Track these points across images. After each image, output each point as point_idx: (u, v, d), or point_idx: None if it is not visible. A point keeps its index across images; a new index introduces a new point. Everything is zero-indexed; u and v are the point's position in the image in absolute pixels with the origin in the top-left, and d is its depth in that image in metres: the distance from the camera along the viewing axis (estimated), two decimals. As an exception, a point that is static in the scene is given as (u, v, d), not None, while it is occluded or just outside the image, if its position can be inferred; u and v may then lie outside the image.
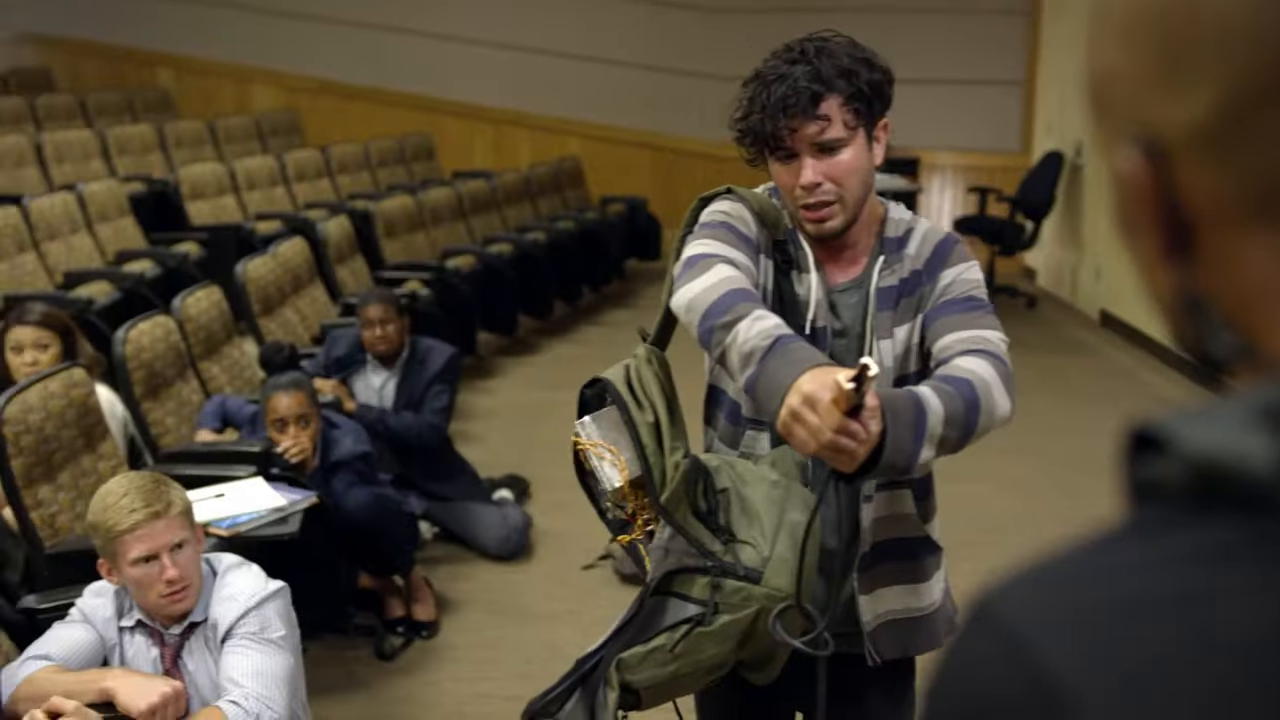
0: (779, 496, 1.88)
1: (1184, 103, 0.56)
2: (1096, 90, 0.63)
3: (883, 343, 1.96)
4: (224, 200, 8.16)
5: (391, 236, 7.48)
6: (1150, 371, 7.43)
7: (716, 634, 1.85)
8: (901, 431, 1.65)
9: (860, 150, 1.91)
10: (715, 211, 1.97)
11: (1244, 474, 0.51)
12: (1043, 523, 5.10)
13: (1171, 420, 0.54)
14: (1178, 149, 0.57)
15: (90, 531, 2.57)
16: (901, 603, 2.04)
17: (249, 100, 11.84)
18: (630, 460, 1.90)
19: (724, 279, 1.80)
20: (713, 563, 1.85)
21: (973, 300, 1.93)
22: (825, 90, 1.86)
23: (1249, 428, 0.51)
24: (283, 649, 2.56)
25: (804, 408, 1.59)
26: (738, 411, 2.02)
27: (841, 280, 2.01)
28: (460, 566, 4.59)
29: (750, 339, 1.70)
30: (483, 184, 8.93)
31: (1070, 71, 9.33)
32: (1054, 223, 9.46)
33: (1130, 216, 0.61)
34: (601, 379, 1.96)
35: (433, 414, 4.65)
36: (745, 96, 1.93)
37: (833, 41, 1.92)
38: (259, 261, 5.46)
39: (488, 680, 3.81)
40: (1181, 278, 0.60)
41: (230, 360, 4.77)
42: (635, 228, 9.59)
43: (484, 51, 11.42)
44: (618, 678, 1.89)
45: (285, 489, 3.55)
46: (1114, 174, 0.62)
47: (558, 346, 7.92)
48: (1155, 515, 0.54)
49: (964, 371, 1.79)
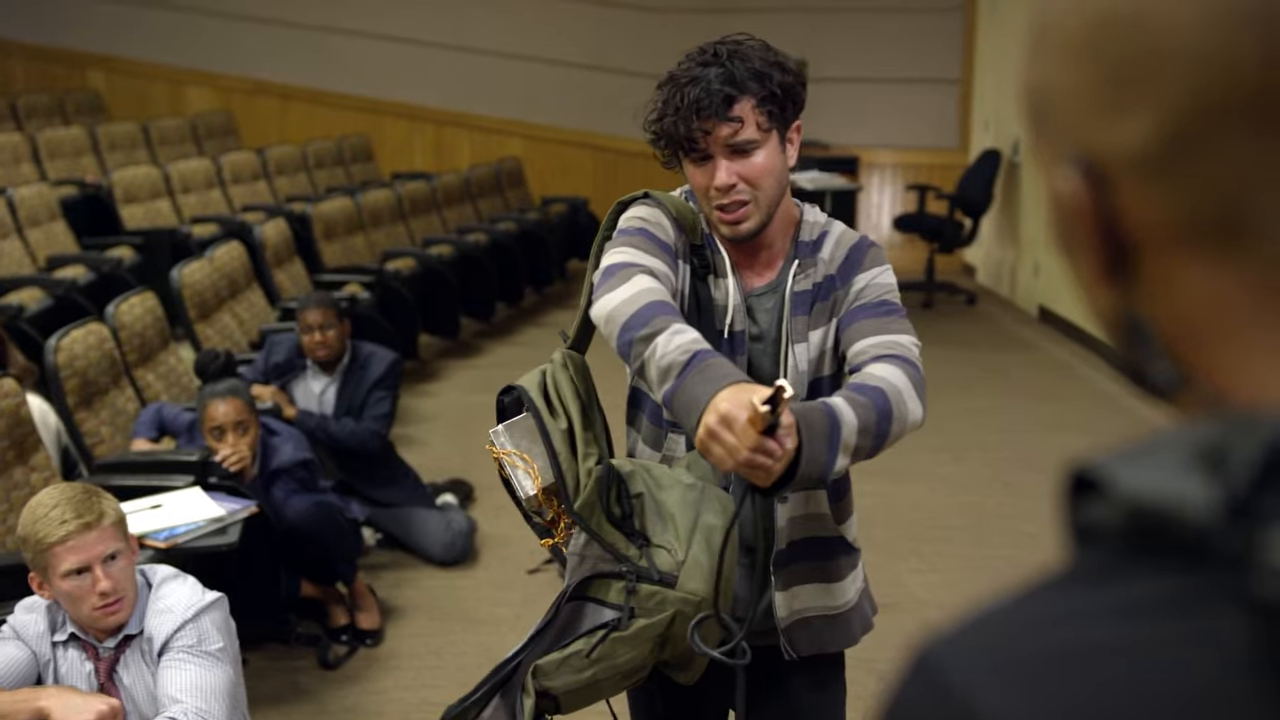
0: (694, 500, 1.90)
1: (1124, 125, 0.54)
2: (1034, 104, 0.61)
3: (798, 347, 1.98)
4: (158, 204, 8.04)
5: (330, 239, 7.41)
6: (1089, 366, 7.51)
7: (632, 639, 1.87)
8: (816, 445, 1.67)
9: (774, 152, 1.92)
10: (633, 217, 1.98)
11: (1180, 520, 0.49)
12: (986, 519, 5.13)
13: (1109, 461, 0.52)
14: (1117, 171, 0.55)
15: (20, 545, 2.52)
16: (816, 601, 2.07)
17: (183, 102, 11.68)
18: (544, 468, 1.93)
19: (643, 290, 1.80)
20: (628, 568, 1.88)
21: (886, 304, 1.95)
22: (738, 92, 1.87)
23: (1186, 470, 0.50)
24: (221, 661, 2.52)
25: (720, 427, 1.60)
26: (660, 414, 2.02)
27: (758, 285, 2.02)
28: (404, 573, 4.54)
29: (669, 353, 1.70)
30: (422, 185, 8.87)
31: (1007, 69, 9.43)
32: (992, 220, 9.55)
33: (1068, 235, 0.60)
34: (516, 386, 1.98)
35: (374, 420, 4.60)
36: (659, 99, 1.94)
37: (746, 44, 1.93)
38: (195, 266, 5.37)
39: (433, 688, 3.77)
40: (1120, 300, 0.58)
41: (166, 368, 4.69)
42: (577, 228, 9.57)
43: (424, 52, 11.34)
44: (534, 684, 1.91)
45: (224, 498, 3.49)
46: (1051, 192, 0.60)
47: (500, 348, 7.88)
48: (1094, 561, 0.53)
49: (877, 380, 1.81)
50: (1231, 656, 0.48)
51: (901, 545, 4.79)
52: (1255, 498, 0.48)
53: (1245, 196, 0.52)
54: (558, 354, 2.00)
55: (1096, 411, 6.63)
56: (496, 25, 11.25)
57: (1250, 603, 0.47)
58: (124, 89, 11.75)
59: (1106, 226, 0.57)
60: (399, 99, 11.43)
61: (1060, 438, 6.12)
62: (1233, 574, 0.48)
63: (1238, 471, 0.48)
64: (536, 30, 11.20)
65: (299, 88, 11.55)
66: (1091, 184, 0.56)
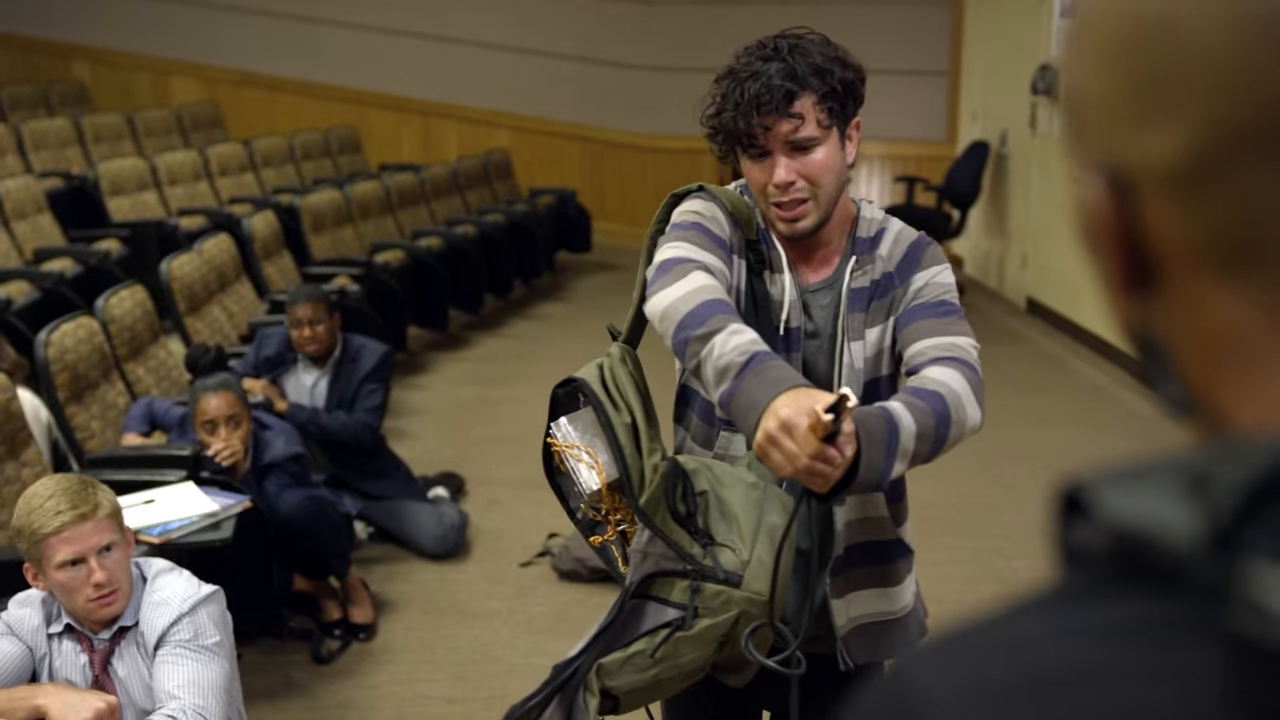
0: (757, 499, 1.86)
1: (1155, 137, 0.52)
2: (1071, 105, 0.59)
3: (854, 344, 1.94)
4: (145, 196, 8.00)
5: (319, 232, 7.38)
6: (1078, 358, 7.54)
7: (696, 638, 1.83)
8: (875, 452, 1.65)
9: (833, 149, 1.88)
10: (688, 211, 1.94)
11: (1162, 547, 0.48)
12: (975, 511, 5.14)
13: (1098, 482, 0.51)
14: (1144, 184, 0.54)
15: (15, 536, 2.51)
16: (873, 606, 2.03)
17: (168, 93, 11.61)
18: (607, 463, 1.88)
19: (699, 287, 1.76)
20: (692, 566, 1.83)
21: (945, 304, 1.91)
22: (799, 88, 1.84)
23: (1174, 496, 0.48)
24: (218, 655, 2.52)
25: (780, 433, 1.57)
26: (711, 412, 1.99)
27: (814, 281, 1.98)
28: (396, 567, 4.54)
29: (726, 354, 1.67)
30: (410, 177, 8.84)
31: (995, 61, 9.44)
32: (980, 212, 9.56)
33: (1093, 242, 0.58)
34: (575, 379, 1.93)
35: (366, 412, 4.59)
36: (718, 93, 1.89)
37: (806, 39, 1.89)
38: (184, 259, 5.35)
39: (427, 682, 3.77)
40: (1139, 315, 0.57)
41: (156, 361, 4.67)
42: (565, 220, 9.55)
43: (411, 43, 11.30)
44: (598, 683, 1.87)
45: (217, 493, 3.48)
46: (1078, 197, 0.59)
47: (489, 341, 7.87)
48: (1077, 583, 0.51)
49: (936, 383, 1.77)
50: (1204, 690, 0.47)
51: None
52: (1238, 528, 0.47)
53: (1271, 221, 0.51)
54: (615, 348, 1.96)
55: (1085, 403, 6.65)
56: (483, 16, 11.21)
57: (1225, 636, 0.46)
58: (108, 80, 11.68)
59: (1130, 240, 0.55)
60: (386, 90, 11.39)
61: (1049, 429, 6.14)
62: (1211, 605, 0.47)
63: (1222, 499, 0.47)
64: (524, 21, 11.16)
65: (285, 79, 11.50)
66: (1117, 195, 0.55)
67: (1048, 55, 8.21)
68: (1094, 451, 5.84)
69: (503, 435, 5.95)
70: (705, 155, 9.03)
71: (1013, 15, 9.00)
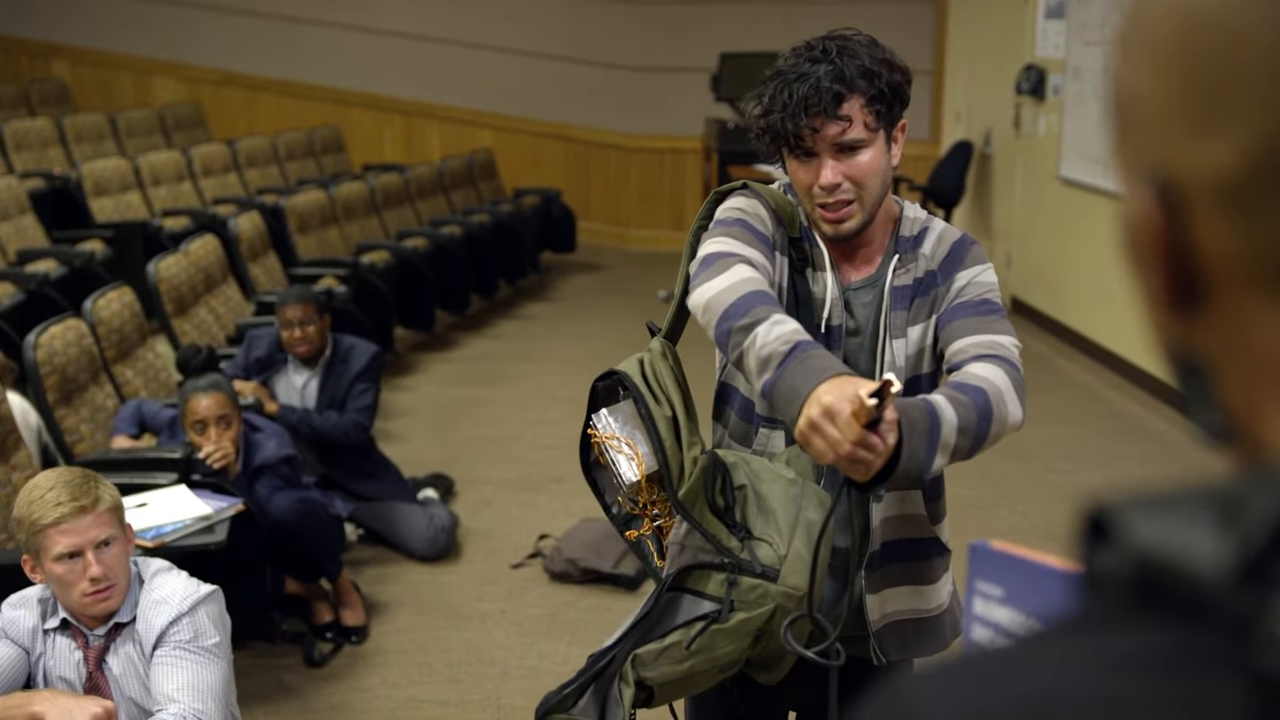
0: (795, 495, 1.87)
1: (1209, 148, 0.50)
2: (1118, 108, 0.56)
3: (896, 342, 1.94)
4: (128, 196, 7.95)
5: (304, 232, 7.35)
6: (1063, 357, 7.56)
7: (732, 631, 1.84)
8: (916, 443, 1.64)
9: (879, 151, 1.89)
10: (731, 208, 1.94)
11: (1188, 576, 0.46)
12: (965, 510, 5.15)
13: (1125, 506, 0.49)
14: (1196, 196, 0.51)
15: (15, 526, 2.51)
16: (908, 604, 2.04)
17: (149, 92, 11.55)
18: (647, 455, 1.89)
19: (743, 280, 1.77)
20: (729, 559, 1.84)
21: (987, 304, 1.91)
22: (848, 91, 1.84)
23: (1204, 524, 0.46)
24: (217, 657, 2.51)
25: (823, 419, 1.58)
26: (750, 409, 2.00)
27: (856, 279, 1.99)
28: (387, 568, 4.52)
29: (769, 343, 1.67)
30: (395, 177, 8.81)
31: (978, 61, 9.46)
32: (964, 211, 9.59)
33: (1137, 255, 0.55)
34: (617, 372, 1.94)
35: (357, 412, 4.57)
36: (765, 93, 1.89)
37: (854, 40, 1.90)
38: (171, 260, 5.32)
39: (420, 684, 3.76)
40: (1182, 333, 0.54)
41: (145, 363, 4.64)
42: (550, 220, 9.53)
43: (393, 42, 11.27)
44: (633, 674, 1.88)
45: (209, 496, 3.46)
46: (1124, 207, 0.56)
47: (475, 342, 7.85)
48: (1097, 610, 0.50)
49: (978, 379, 1.78)
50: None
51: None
52: (1269, 560, 0.45)
53: None
54: (656, 343, 1.98)
55: (1073, 402, 6.67)
56: (466, 15, 11.19)
57: (1249, 672, 0.44)
58: (89, 79, 11.61)
59: (1177, 254, 0.52)
60: (368, 90, 11.36)
61: (1037, 428, 6.15)
62: (1235, 639, 0.45)
63: (1253, 530, 0.45)
64: (507, 21, 11.14)
65: (267, 78, 11.45)
66: (1166, 206, 0.52)
67: (1031, 55, 8.23)
68: (1082, 450, 5.86)
69: (491, 436, 5.94)
70: (689, 155, 9.19)
71: (996, 15, 9.02)
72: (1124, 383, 6.90)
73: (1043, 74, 8.06)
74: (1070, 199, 7.65)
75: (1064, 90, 7.75)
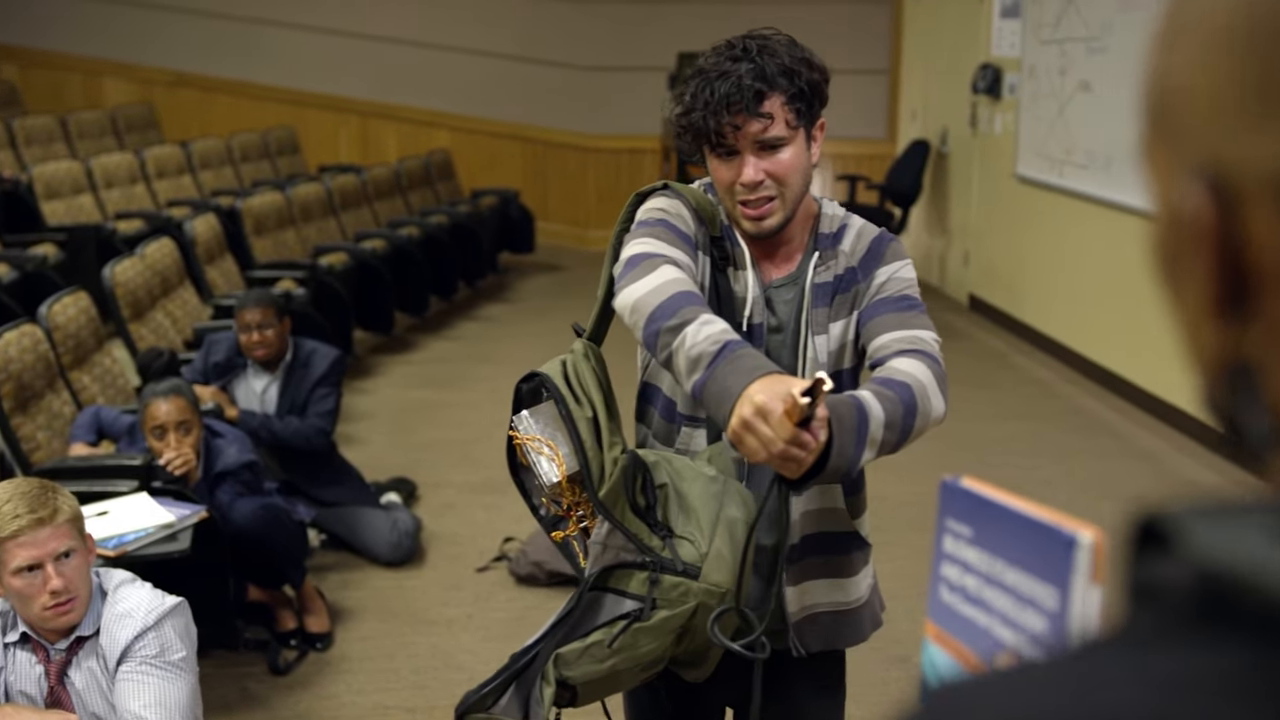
0: (716, 492, 1.89)
1: (1268, 140, 0.48)
2: (1159, 102, 0.53)
3: (818, 338, 1.97)
4: (81, 199, 7.85)
5: (260, 234, 7.28)
6: (1020, 354, 7.62)
7: (654, 629, 1.86)
8: (846, 439, 1.67)
9: (800, 149, 1.92)
10: (653, 209, 1.96)
11: (1261, 590, 0.43)
12: (929, 507, 5.17)
13: (1184, 514, 0.46)
14: (1252, 192, 0.49)
15: None
16: (827, 597, 2.06)
17: (100, 94, 11.41)
18: (568, 456, 1.90)
19: (669, 280, 1.79)
20: (651, 558, 1.85)
21: (907, 299, 1.95)
22: (769, 88, 1.86)
23: (1274, 537, 0.44)
24: (184, 671, 2.48)
25: (756, 418, 1.60)
26: (673, 408, 2.02)
27: (777, 277, 2.01)
28: (351, 574, 4.48)
29: (698, 344, 1.69)
30: (352, 178, 8.75)
31: (934, 60, 9.52)
32: (921, 210, 9.64)
33: (1177, 260, 0.53)
34: (538, 374, 1.95)
35: (319, 417, 4.53)
36: (687, 92, 1.91)
37: (774, 39, 1.92)
38: (126, 264, 5.25)
39: (386, 691, 3.73)
40: (1231, 340, 0.52)
41: (102, 369, 4.58)
42: (508, 220, 9.50)
43: (348, 42, 11.19)
44: (555, 673, 1.88)
45: (171, 503, 3.42)
46: (1167, 208, 0.53)
47: (435, 343, 7.81)
48: (1151, 623, 0.47)
49: (902, 375, 1.81)
50: None
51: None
52: None
53: None
54: (578, 344, 1.99)
55: (1030, 398, 6.72)
56: (421, 15, 11.13)
57: None
58: (38, 81, 11.45)
59: (1229, 254, 0.50)
60: (323, 90, 11.27)
61: (996, 425, 6.20)
62: None
63: None
64: (463, 21, 11.09)
65: (220, 79, 11.34)
66: (1219, 203, 0.50)
67: (987, 54, 8.29)
68: (1040, 445, 5.91)
69: (452, 438, 5.90)
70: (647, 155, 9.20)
71: (952, 14, 9.07)
72: (1081, 378, 6.96)
73: (999, 73, 8.12)
74: (1026, 197, 7.71)
75: (1020, 89, 7.81)
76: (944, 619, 0.81)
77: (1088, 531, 0.68)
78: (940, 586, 0.81)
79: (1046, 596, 0.70)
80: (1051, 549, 0.70)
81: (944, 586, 0.81)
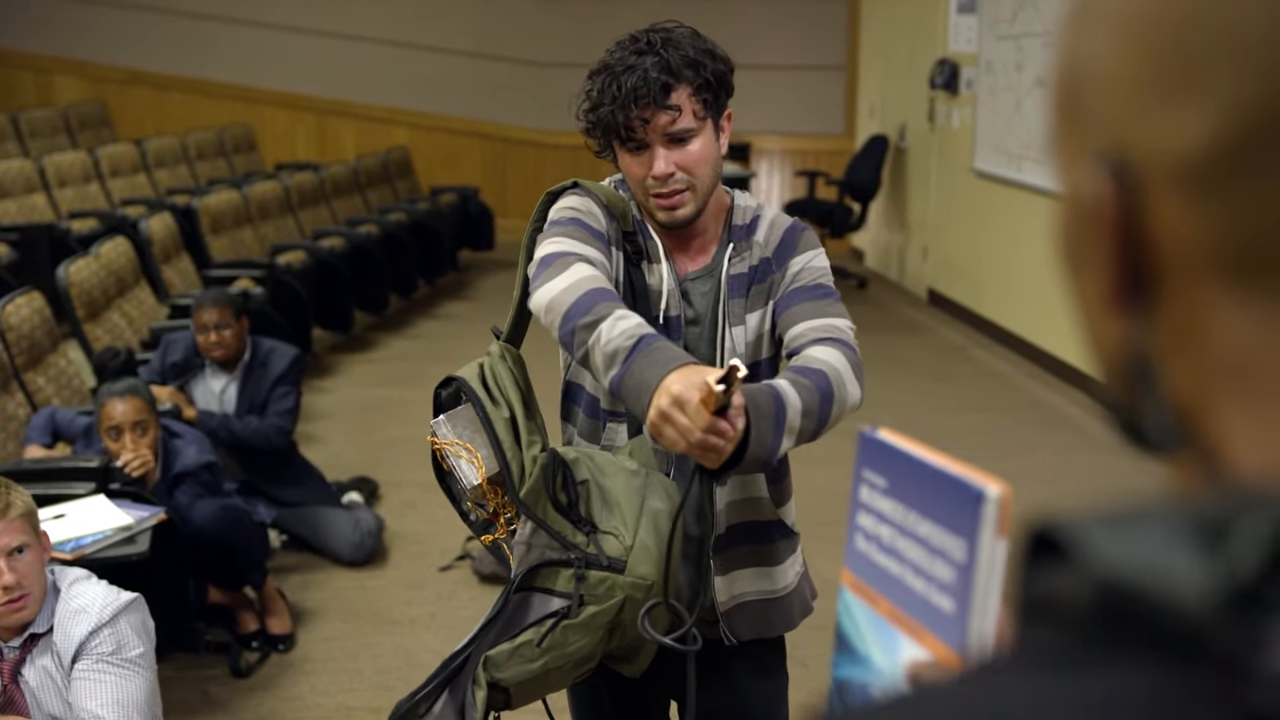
0: (639, 485, 1.90)
1: (1176, 124, 0.46)
2: (1066, 86, 0.51)
3: (735, 329, 1.99)
4: (33, 198, 7.76)
5: (217, 233, 7.22)
6: (979, 347, 7.67)
7: (583, 626, 1.86)
8: (764, 426, 1.69)
9: (709, 140, 1.93)
10: (564, 208, 1.97)
11: (1167, 605, 0.40)
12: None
13: (1082, 522, 0.43)
14: (1157, 178, 0.47)
15: None
16: (755, 585, 2.08)
17: (51, 92, 11.28)
18: (487, 457, 1.91)
19: (583, 278, 1.80)
20: (576, 555, 1.87)
21: (822, 288, 1.98)
22: (675, 80, 1.88)
23: (1179, 545, 0.41)
24: (141, 668, 2.45)
25: (673, 409, 1.61)
26: (596, 406, 2.03)
27: (692, 269, 2.03)
28: (313, 575, 4.45)
29: (613, 339, 1.70)
30: (310, 176, 8.68)
31: (891, 55, 9.56)
32: (880, 205, 9.69)
33: (1078, 247, 0.51)
34: (456, 378, 1.97)
35: (278, 416, 4.49)
36: (593, 88, 1.92)
37: (676, 32, 1.93)
38: (81, 264, 5.18)
39: (350, 692, 3.70)
40: (1131, 333, 0.49)
41: (57, 370, 4.52)
42: (468, 218, 9.47)
43: (303, 39, 11.11)
44: (485, 676, 1.89)
45: (129, 505, 3.38)
46: (1069, 193, 0.51)
47: (395, 342, 7.77)
48: (1047, 642, 0.43)
49: (818, 363, 1.83)
50: None
51: (807, 529, 4.82)
52: (1264, 587, 0.40)
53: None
54: (495, 346, 1.99)
55: (990, 391, 6.77)
56: (378, 12, 11.07)
57: (1244, 715, 0.39)
58: (-12, 79, 11.32)
59: (1130, 243, 0.48)
60: (279, 88, 11.19)
61: (954, 418, 6.24)
62: (1226, 676, 0.40)
63: (1244, 553, 0.40)
64: (420, 18, 11.04)
65: (174, 76, 11.24)
66: (1122, 189, 0.48)
67: (944, 50, 8.34)
68: (999, 438, 5.95)
69: (413, 436, 5.84)
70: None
71: (909, 9, 9.12)
72: (1040, 371, 7.01)
73: (955, 68, 8.17)
74: (984, 191, 7.76)
75: (977, 84, 7.86)
76: (859, 567, 0.83)
77: (995, 485, 0.69)
78: (856, 535, 0.83)
79: (955, 548, 0.72)
80: (961, 502, 0.71)
81: (860, 535, 0.83)
